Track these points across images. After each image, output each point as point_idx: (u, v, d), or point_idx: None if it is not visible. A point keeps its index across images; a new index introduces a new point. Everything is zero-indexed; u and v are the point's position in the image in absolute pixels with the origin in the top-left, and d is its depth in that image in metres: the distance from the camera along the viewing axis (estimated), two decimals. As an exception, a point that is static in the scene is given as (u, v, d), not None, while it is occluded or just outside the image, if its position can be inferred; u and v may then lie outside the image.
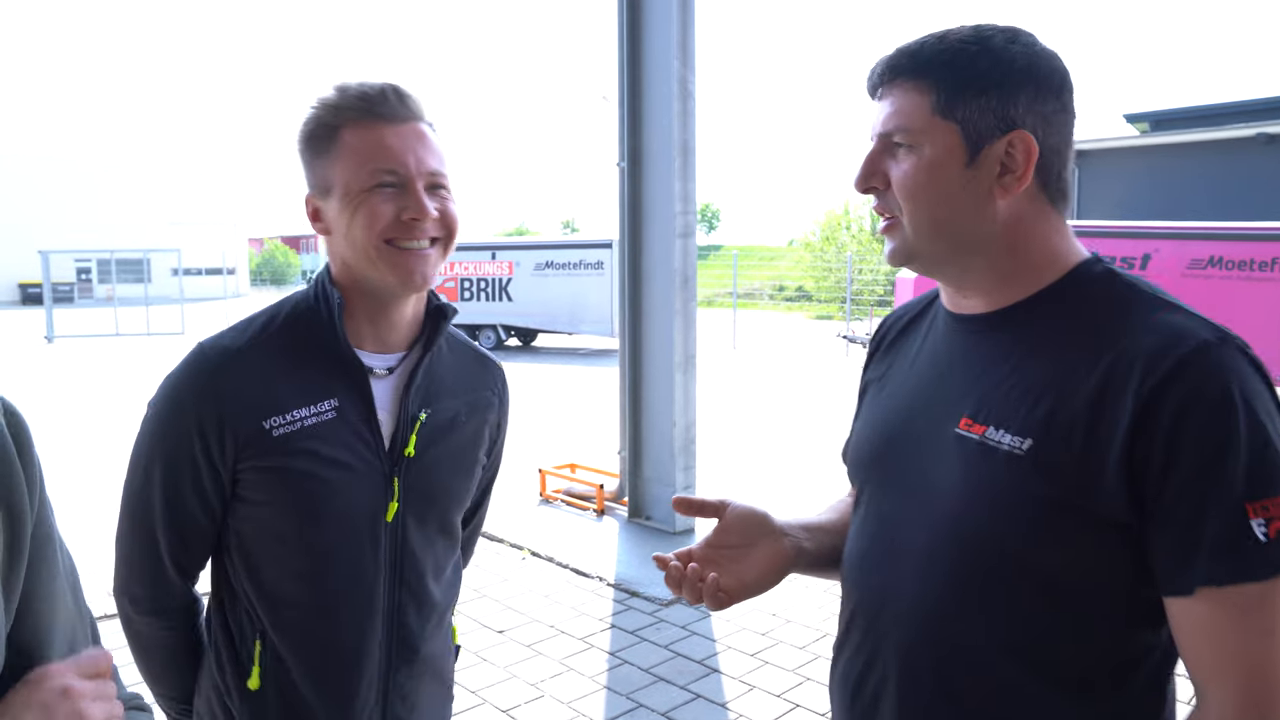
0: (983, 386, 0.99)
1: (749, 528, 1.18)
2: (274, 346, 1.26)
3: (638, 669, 3.93)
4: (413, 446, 1.29)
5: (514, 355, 17.92)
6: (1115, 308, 0.96)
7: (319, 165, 1.23)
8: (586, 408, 10.98)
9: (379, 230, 1.20)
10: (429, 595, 1.36)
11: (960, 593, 0.98)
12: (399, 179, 1.20)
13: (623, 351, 5.98)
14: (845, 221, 33.68)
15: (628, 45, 5.66)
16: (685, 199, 5.59)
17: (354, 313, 1.28)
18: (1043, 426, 0.92)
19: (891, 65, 1.02)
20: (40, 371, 14.94)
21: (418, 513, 1.32)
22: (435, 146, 1.25)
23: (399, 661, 1.33)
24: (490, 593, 4.81)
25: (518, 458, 7.99)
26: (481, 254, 18.92)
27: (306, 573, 1.26)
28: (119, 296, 24.78)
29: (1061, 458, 0.90)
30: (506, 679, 3.83)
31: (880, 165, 1.03)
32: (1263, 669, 0.84)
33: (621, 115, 5.74)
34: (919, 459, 1.04)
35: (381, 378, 1.30)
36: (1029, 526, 0.92)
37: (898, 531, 1.05)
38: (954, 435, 0.99)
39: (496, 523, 5.99)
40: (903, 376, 1.14)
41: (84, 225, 41.56)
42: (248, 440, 1.21)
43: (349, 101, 1.21)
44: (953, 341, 1.07)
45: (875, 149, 1.04)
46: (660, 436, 5.78)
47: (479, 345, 1.50)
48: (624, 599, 4.73)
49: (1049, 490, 0.90)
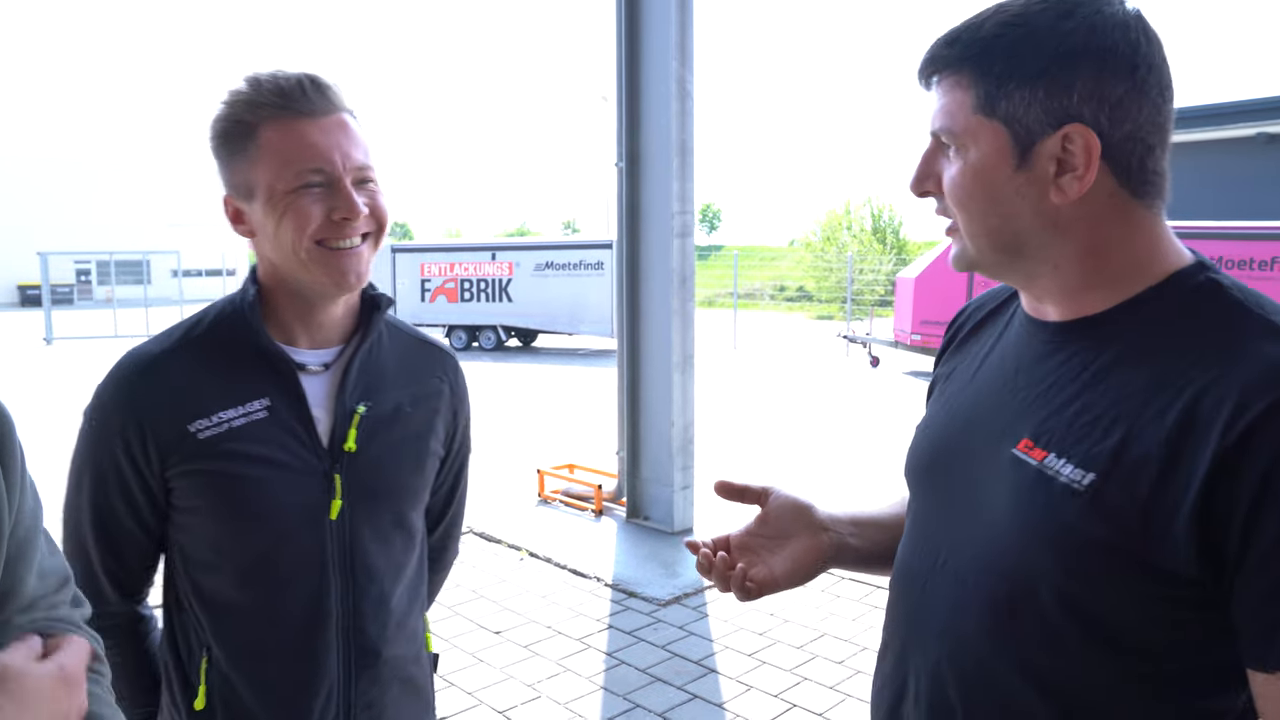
0: (1049, 406, 0.89)
1: (789, 518, 1.12)
2: (199, 349, 1.23)
3: (635, 669, 3.92)
4: (353, 441, 1.25)
5: (514, 356, 17.93)
6: (1213, 327, 0.82)
7: (237, 166, 1.18)
8: (585, 408, 10.98)
9: (310, 233, 1.15)
10: (386, 596, 1.30)
11: (995, 626, 0.89)
12: (326, 177, 1.15)
13: (621, 352, 5.98)
14: (846, 221, 33.71)
15: (626, 45, 5.66)
16: (683, 199, 5.59)
17: (283, 311, 1.25)
18: (1109, 462, 0.81)
19: (933, 57, 0.91)
20: (39, 373, 14.95)
21: (366, 509, 1.27)
22: (359, 138, 1.20)
23: (359, 669, 1.27)
24: (488, 593, 4.81)
25: (516, 458, 8.00)
26: (482, 255, 18.94)
27: (246, 579, 1.21)
28: (118, 298, 24.78)
29: (1123, 500, 0.79)
30: (503, 679, 3.83)
31: (934, 167, 0.93)
32: None
33: (620, 115, 5.74)
34: (970, 476, 0.95)
35: (316, 374, 1.26)
36: (1079, 567, 0.82)
37: (939, 549, 0.98)
38: (1010, 457, 0.89)
39: (494, 523, 5.98)
40: (967, 380, 1.04)
41: (83, 227, 41.57)
42: (172, 446, 1.18)
43: (265, 97, 1.15)
44: (1024, 349, 0.96)
45: (929, 149, 0.94)
46: (658, 437, 5.77)
47: (425, 332, 1.45)
48: (622, 599, 4.72)
49: (1104, 533, 0.80)
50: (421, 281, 19.32)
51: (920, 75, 0.93)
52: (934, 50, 0.91)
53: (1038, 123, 0.85)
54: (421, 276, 19.31)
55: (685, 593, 4.76)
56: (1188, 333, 0.83)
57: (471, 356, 17.72)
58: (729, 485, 1.13)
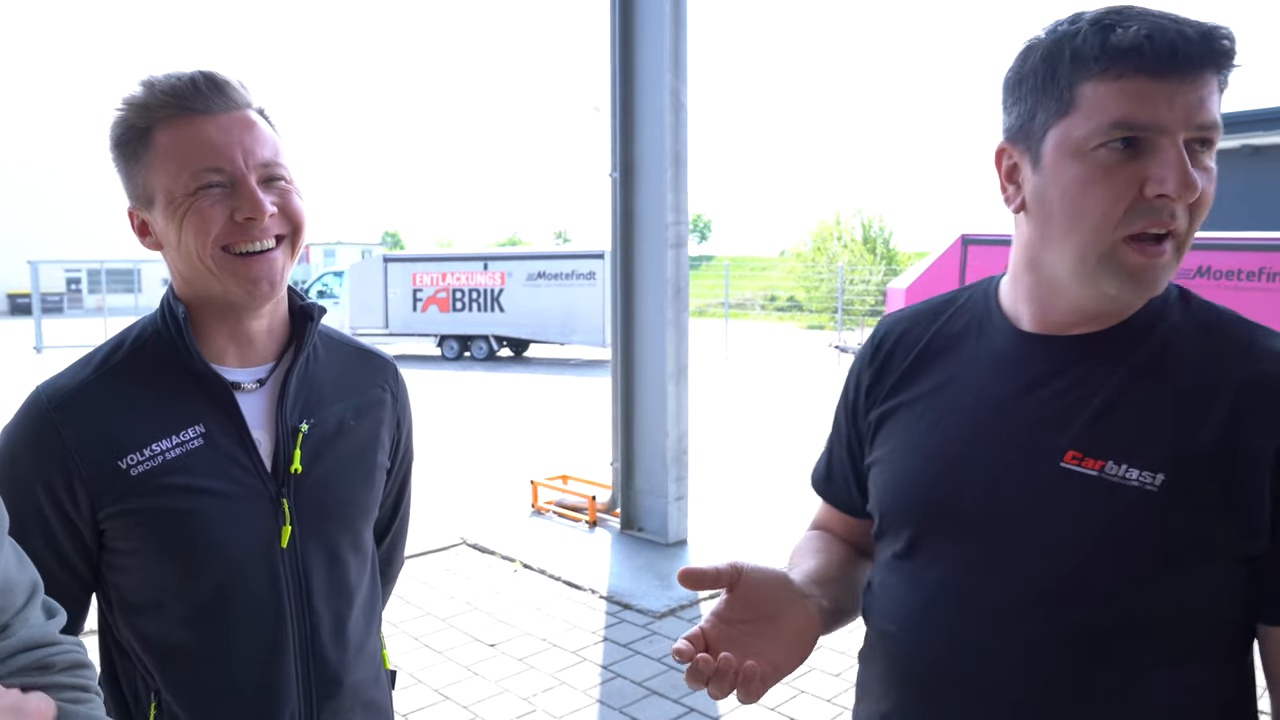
0: (1090, 416, 0.90)
1: (771, 594, 0.98)
2: (121, 377, 1.13)
3: (631, 683, 3.90)
4: (298, 462, 1.17)
5: (506, 366, 17.90)
6: (1212, 329, 0.92)
7: (135, 173, 1.11)
8: (578, 419, 10.96)
9: (213, 237, 1.07)
10: (344, 621, 1.23)
11: (1068, 646, 0.88)
12: (227, 176, 1.07)
13: (615, 362, 5.98)
14: (837, 232, 33.80)
15: (620, 56, 5.68)
16: (677, 210, 5.60)
17: (209, 328, 1.16)
18: (1173, 459, 0.85)
19: (1223, 50, 0.84)
20: (29, 382, 14.83)
21: (317, 533, 1.20)
22: (266, 135, 1.12)
23: (320, 699, 1.21)
24: (481, 605, 4.79)
25: (509, 469, 7.98)
26: (474, 264, 18.91)
27: (197, 619, 1.13)
28: (109, 307, 24.68)
29: (1197, 493, 0.84)
30: (498, 693, 3.80)
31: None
32: None
33: (614, 126, 5.75)
34: (1009, 499, 0.92)
35: (250, 392, 1.18)
36: (1158, 568, 0.85)
37: (979, 582, 0.93)
38: (1059, 470, 0.90)
39: (488, 534, 5.96)
40: (960, 400, 1.00)
41: (74, 235, 41.38)
42: (103, 486, 1.08)
43: (158, 98, 1.08)
44: (1029, 364, 0.96)
45: (1184, 152, 0.85)
46: (653, 447, 5.77)
47: (360, 340, 1.38)
48: (617, 611, 4.71)
49: (1189, 527, 0.84)
50: (413, 291, 19.28)
51: (1196, 58, 0.84)
52: (1222, 41, 0.84)
53: None
54: (413, 286, 19.27)
55: (681, 605, 4.75)
56: (1195, 336, 0.91)
57: (463, 366, 17.69)
58: (696, 574, 0.95)
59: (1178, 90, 0.83)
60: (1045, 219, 0.92)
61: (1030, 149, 0.92)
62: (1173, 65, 0.82)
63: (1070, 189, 0.88)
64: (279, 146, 1.14)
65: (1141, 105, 0.83)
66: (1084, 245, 0.88)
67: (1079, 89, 0.86)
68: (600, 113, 5.99)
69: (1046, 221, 0.91)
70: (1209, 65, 0.84)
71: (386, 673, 1.39)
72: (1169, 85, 0.83)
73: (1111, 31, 0.84)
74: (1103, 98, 0.84)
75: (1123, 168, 0.85)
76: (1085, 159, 0.86)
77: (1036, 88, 0.90)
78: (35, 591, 0.89)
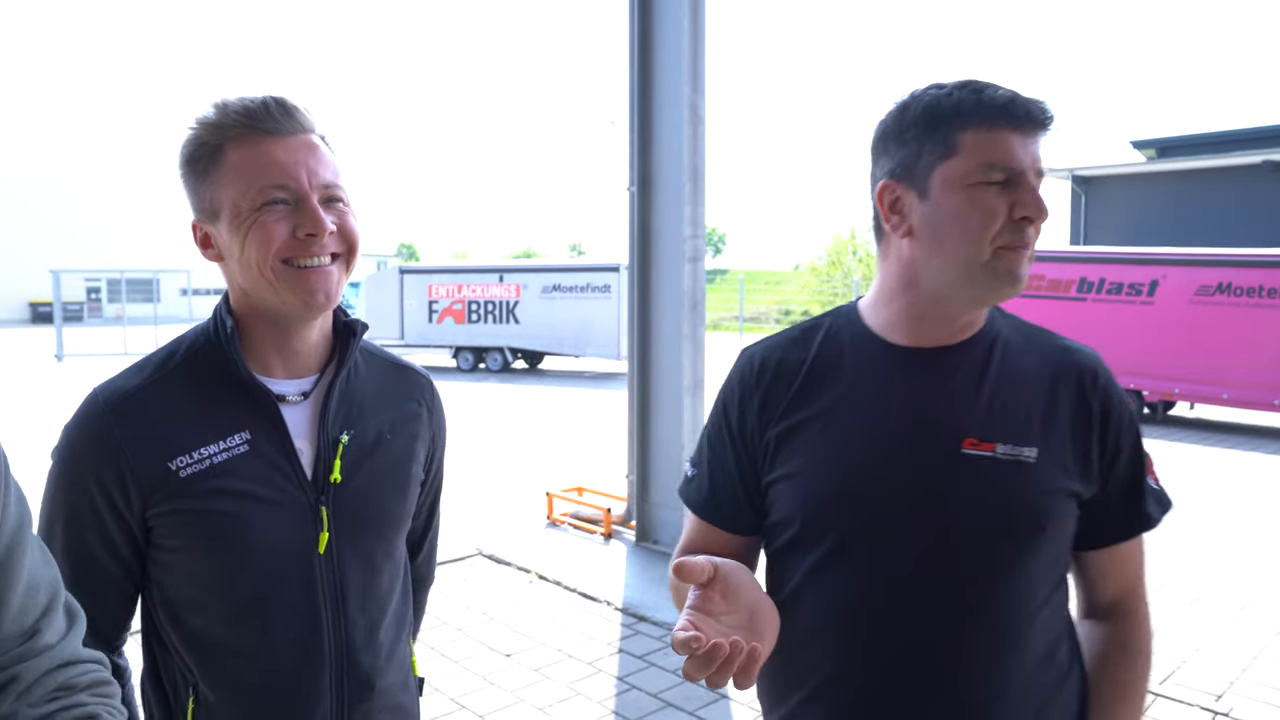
0: (974, 409, 1.13)
1: (746, 587, 1.02)
2: (174, 383, 1.19)
3: (646, 694, 3.90)
4: (338, 472, 1.22)
5: (521, 378, 17.94)
6: (1028, 334, 1.21)
7: (203, 188, 1.17)
8: (593, 431, 10.98)
9: (275, 250, 1.14)
10: (376, 627, 1.28)
11: (983, 585, 1.10)
12: (291, 194, 1.14)
13: (631, 375, 5.99)
14: (851, 246, 33.77)
15: (638, 70, 5.72)
16: (695, 223, 5.62)
17: (258, 340, 1.22)
18: (1042, 434, 1.11)
19: (1050, 117, 1.12)
20: (50, 390, 15.00)
21: (354, 541, 1.24)
22: (328, 159, 1.19)
23: (352, 702, 1.25)
24: (498, 616, 4.79)
25: (525, 481, 7.99)
26: (489, 276, 19.00)
27: (236, 618, 1.18)
28: (128, 316, 24.97)
29: (1061, 457, 1.12)
30: (514, 703, 3.81)
31: None
32: (1140, 585, 1.22)
33: (632, 140, 5.79)
34: (921, 485, 1.11)
35: (295, 404, 1.23)
36: (1047, 520, 1.11)
37: (886, 567, 1.11)
38: (962, 455, 1.11)
39: (504, 545, 5.98)
40: (857, 415, 1.16)
41: (94, 245, 41.85)
42: (153, 485, 1.14)
43: (231, 119, 1.14)
44: (908, 373, 1.16)
45: (1038, 185, 1.13)
46: (668, 460, 5.77)
47: (398, 356, 1.43)
48: (632, 623, 4.71)
49: (1060, 484, 1.11)
50: (429, 303, 19.38)
51: (1037, 117, 1.10)
52: (1044, 108, 1.10)
53: None
54: (429, 298, 19.37)
55: (695, 617, 4.73)
56: (1020, 341, 1.19)
57: (478, 378, 17.75)
58: (689, 565, 0.96)
59: (1029, 141, 1.09)
60: (936, 238, 1.11)
61: (915, 184, 1.12)
62: (1028, 121, 1.08)
63: (960, 213, 1.09)
64: (338, 170, 1.21)
65: (1008, 151, 1.07)
66: (970, 256, 1.09)
67: (960, 136, 1.08)
68: (616, 126, 6.04)
69: (937, 240, 1.11)
70: (1043, 125, 1.10)
71: (415, 679, 1.42)
72: (1024, 137, 1.08)
73: (982, 93, 1.09)
74: (980, 143, 1.08)
75: (997, 196, 1.08)
76: (967, 190, 1.08)
77: (920, 135, 1.11)
78: (56, 592, 0.90)
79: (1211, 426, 12.19)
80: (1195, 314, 11.64)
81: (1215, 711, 3.81)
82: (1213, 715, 3.78)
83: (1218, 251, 12.09)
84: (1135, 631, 1.21)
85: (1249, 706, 3.87)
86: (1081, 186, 22.85)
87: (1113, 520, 1.17)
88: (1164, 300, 11.91)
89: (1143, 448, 1.18)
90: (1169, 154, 23.73)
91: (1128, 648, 1.20)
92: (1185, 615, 4.99)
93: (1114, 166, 22.80)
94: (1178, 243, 17.10)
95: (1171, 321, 11.77)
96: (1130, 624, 1.21)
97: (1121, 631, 1.20)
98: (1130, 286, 12.20)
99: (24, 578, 0.84)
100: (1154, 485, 1.19)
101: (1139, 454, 1.17)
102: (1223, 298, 11.54)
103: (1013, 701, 1.11)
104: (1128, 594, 1.21)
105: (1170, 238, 19.01)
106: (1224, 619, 4.94)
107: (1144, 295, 12.08)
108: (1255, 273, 11.36)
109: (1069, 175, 22.78)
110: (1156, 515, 1.18)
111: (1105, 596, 1.22)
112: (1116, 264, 12.45)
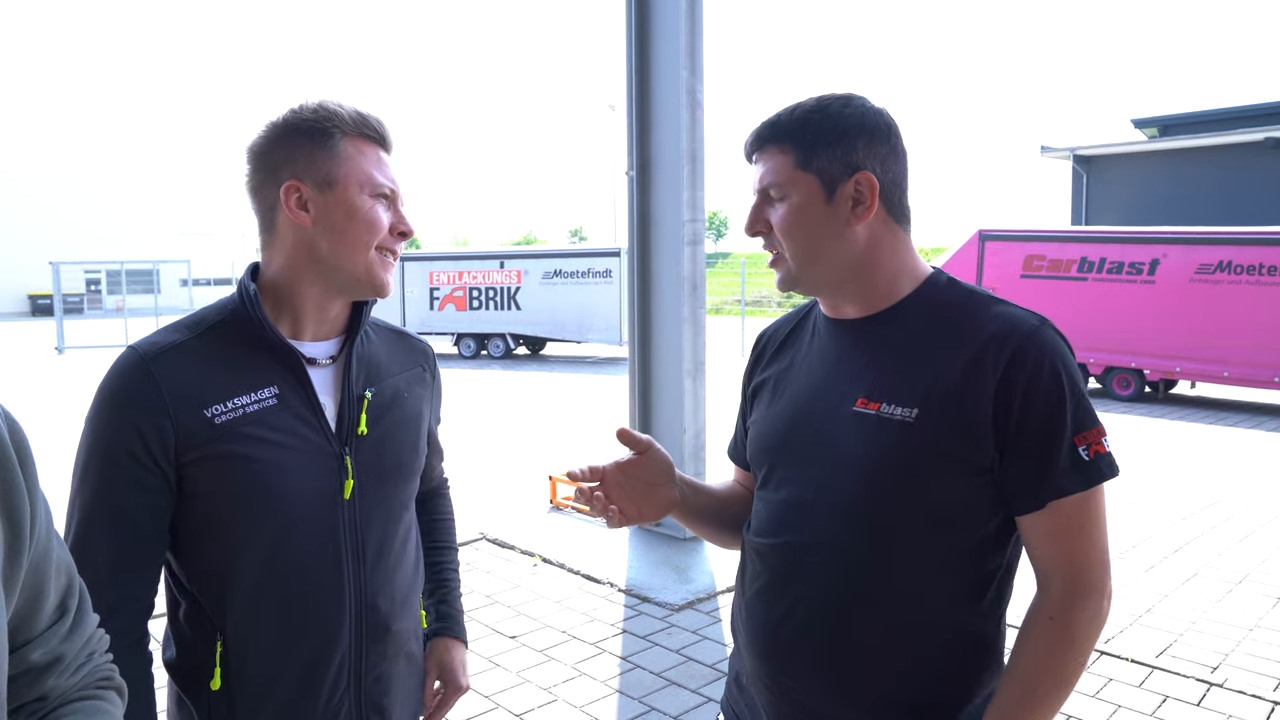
0: (871, 374, 1.25)
1: (660, 471, 1.39)
2: (207, 341, 1.28)
3: (649, 673, 3.95)
4: (364, 425, 1.34)
5: (523, 364, 17.98)
6: (962, 307, 1.25)
7: (320, 157, 1.28)
8: (595, 415, 11.00)
9: (379, 237, 1.31)
10: (393, 573, 1.38)
11: (875, 529, 1.22)
12: (392, 196, 1.34)
13: (632, 359, 6.02)
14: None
15: (636, 55, 5.71)
16: (694, 207, 5.63)
17: (298, 305, 1.33)
18: (924, 399, 1.19)
19: (759, 135, 1.28)
20: (50, 382, 15.05)
21: (375, 489, 1.35)
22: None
23: (369, 642, 1.34)
24: (502, 599, 4.85)
25: (527, 465, 8.04)
26: (490, 263, 19.01)
27: (262, 561, 1.25)
28: (129, 307, 24.94)
29: (942, 420, 1.17)
30: (519, 684, 3.86)
31: (762, 214, 1.29)
32: (1078, 558, 1.18)
33: (630, 124, 5.79)
34: (824, 436, 1.27)
35: (324, 366, 1.35)
36: (923, 475, 1.19)
37: (812, 495, 1.27)
38: (853, 413, 1.24)
39: (507, 529, 6.03)
40: (796, 374, 1.36)
41: (94, 236, 41.83)
42: (190, 431, 1.21)
43: (347, 117, 1.30)
44: (838, 342, 1.32)
45: (757, 201, 1.30)
46: (670, 444, 5.80)
47: (395, 325, 1.56)
48: (635, 604, 4.76)
49: (937, 445, 1.17)
50: (430, 290, 19.40)
51: (748, 150, 1.31)
52: (761, 131, 1.28)
53: (838, 172, 1.23)
54: (430, 285, 19.39)
55: (698, 598, 4.79)
56: (950, 312, 1.24)
57: (480, 364, 17.78)
58: (629, 434, 1.37)
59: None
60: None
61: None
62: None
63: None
64: None
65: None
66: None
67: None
68: (615, 111, 6.05)
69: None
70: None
71: (423, 631, 1.52)
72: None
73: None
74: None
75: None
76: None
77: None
78: (72, 569, 0.91)
79: (1212, 404, 12.22)
80: (1196, 292, 11.64)
81: (1210, 683, 3.86)
82: (1207, 687, 3.83)
83: (1218, 230, 12.06)
84: (1062, 606, 1.17)
85: (1243, 678, 3.92)
86: (1083, 166, 22.77)
87: (1024, 488, 1.17)
88: (1165, 279, 11.91)
89: (1069, 417, 1.15)
90: (1170, 132, 23.62)
91: (1056, 619, 1.17)
92: (1182, 590, 5.03)
93: (1115, 145, 22.71)
94: (1180, 221, 17.07)
95: (1172, 300, 11.78)
96: (1053, 599, 1.18)
97: (1050, 603, 1.18)
98: (1131, 266, 12.20)
99: (54, 563, 0.86)
100: (1084, 456, 1.15)
101: (1056, 423, 1.15)
102: (1223, 276, 11.53)
103: (871, 626, 1.22)
104: (1060, 568, 1.18)
105: (1171, 216, 18.97)
106: (1221, 593, 4.98)
107: (1145, 274, 12.08)
108: (1256, 251, 11.34)
109: (1070, 154, 22.69)
110: (1071, 486, 1.15)
111: (1040, 566, 1.21)
112: (1117, 243, 12.44)
